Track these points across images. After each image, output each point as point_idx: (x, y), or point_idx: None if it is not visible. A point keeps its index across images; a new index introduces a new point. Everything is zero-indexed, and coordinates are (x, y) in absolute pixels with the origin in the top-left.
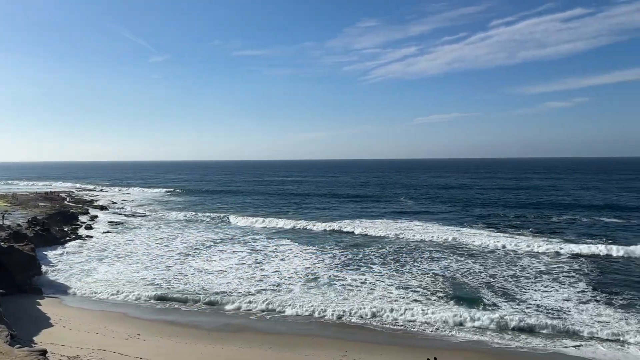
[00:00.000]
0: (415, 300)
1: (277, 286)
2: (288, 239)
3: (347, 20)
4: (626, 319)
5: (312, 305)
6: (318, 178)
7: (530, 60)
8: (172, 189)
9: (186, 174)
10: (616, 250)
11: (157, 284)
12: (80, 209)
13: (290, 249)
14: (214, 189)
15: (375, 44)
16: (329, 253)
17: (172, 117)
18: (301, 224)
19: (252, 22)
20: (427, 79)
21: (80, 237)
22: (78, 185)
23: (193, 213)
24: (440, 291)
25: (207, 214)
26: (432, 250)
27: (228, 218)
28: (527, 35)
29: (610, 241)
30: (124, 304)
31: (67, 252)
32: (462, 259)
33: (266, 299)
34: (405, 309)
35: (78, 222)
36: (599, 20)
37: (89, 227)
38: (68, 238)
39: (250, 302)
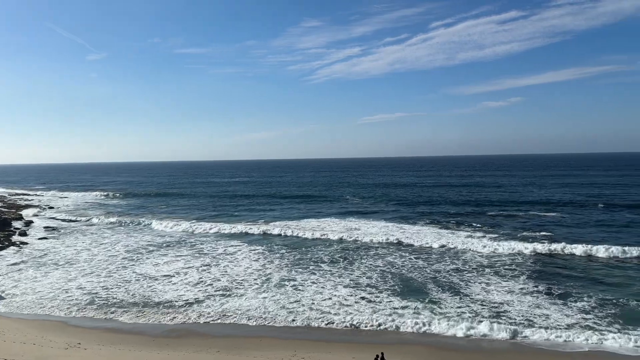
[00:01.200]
0: (363, 298)
1: (225, 290)
2: (235, 241)
3: (290, 20)
4: (563, 310)
5: (261, 307)
6: (265, 178)
7: (469, 61)
8: (111, 192)
9: (127, 176)
10: (553, 245)
11: (97, 291)
12: (13, 214)
13: (239, 251)
14: (157, 191)
15: (319, 44)
16: (277, 254)
17: (112, 116)
18: (248, 225)
19: (192, 19)
20: (371, 79)
21: (14, 244)
22: (10, 190)
23: (134, 216)
24: (389, 288)
25: (149, 217)
26: (379, 248)
27: (171, 221)
28: (466, 37)
29: (546, 236)
30: (62, 313)
31: None
32: (408, 255)
33: (214, 303)
34: (354, 307)
35: (11, 229)
36: (533, 23)
37: (23, 234)
38: (0, 245)
39: (197, 306)
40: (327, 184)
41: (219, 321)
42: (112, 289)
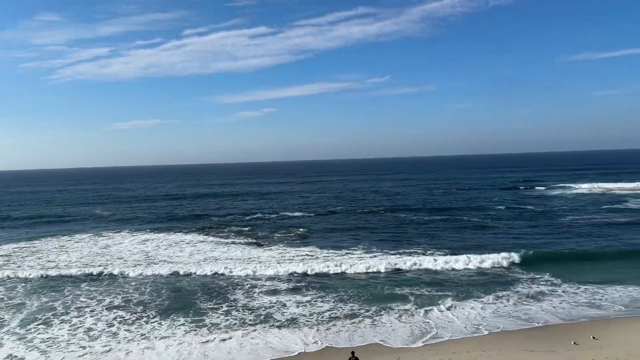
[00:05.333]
0: (122, 321)
1: None
2: None
3: (23, 11)
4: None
5: None
6: None
7: (225, 72)
8: None
9: None
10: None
11: None
12: None
13: None
14: None
15: (59, 41)
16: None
17: None
18: None
19: None
20: (123, 82)
21: None
22: None
23: None
24: (156, 307)
25: None
26: (151, 264)
27: None
28: (220, 47)
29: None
30: None
31: None
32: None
33: None
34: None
35: None
36: (281, 40)
37: None
38: None
39: None
40: (66, 200)
41: None
42: None
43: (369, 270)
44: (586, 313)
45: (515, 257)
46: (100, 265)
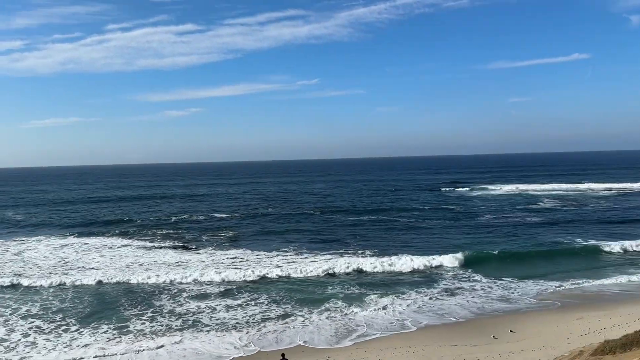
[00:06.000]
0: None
1: None
2: None
3: None
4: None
5: None
6: None
7: (150, 69)
8: None
9: None
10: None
11: None
12: None
13: None
14: None
15: None
16: None
17: None
18: None
19: None
20: (40, 78)
21: None
22: None
23: None
24: (76, 314)
25: None
26: (67, 269)
27: None
28: (145, 44)
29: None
30: None
31: None
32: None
33: None
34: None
35: None
36: (210, 38)
37: None
38: None
39: None
40: None
41: None
42: None
43: (301, 272)
44: (500, 306)
45: (441, 257)
46: (13, 273)
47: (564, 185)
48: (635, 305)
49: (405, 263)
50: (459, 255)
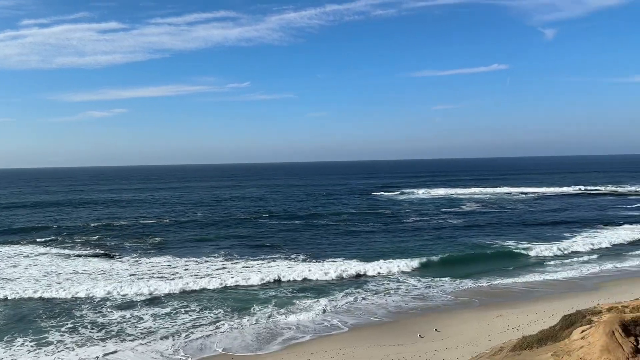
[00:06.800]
0: None
1: None
2: None
3: None
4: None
5: None
6: None
7: (70, 67)
8: None
9: None
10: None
11: None
12: None
13: None
14: None
15: None
16: None
17: None
18: None
19: None
20: None
21: None
22: None
23: None
24: None
25: None
26: None
27: None
28: (64, 41)
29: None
30: None
31: None
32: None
33: None
34: None
35: None
36: (134, 37)
37: None
38: None
39: None
40: None
41: None
42: None
43: (232, 278)
44: (423, 304)
45: (371, 261)
46: None
47: (485, 189)
48: (549, 302)
49: (336, 266)
50: (390, 260)
